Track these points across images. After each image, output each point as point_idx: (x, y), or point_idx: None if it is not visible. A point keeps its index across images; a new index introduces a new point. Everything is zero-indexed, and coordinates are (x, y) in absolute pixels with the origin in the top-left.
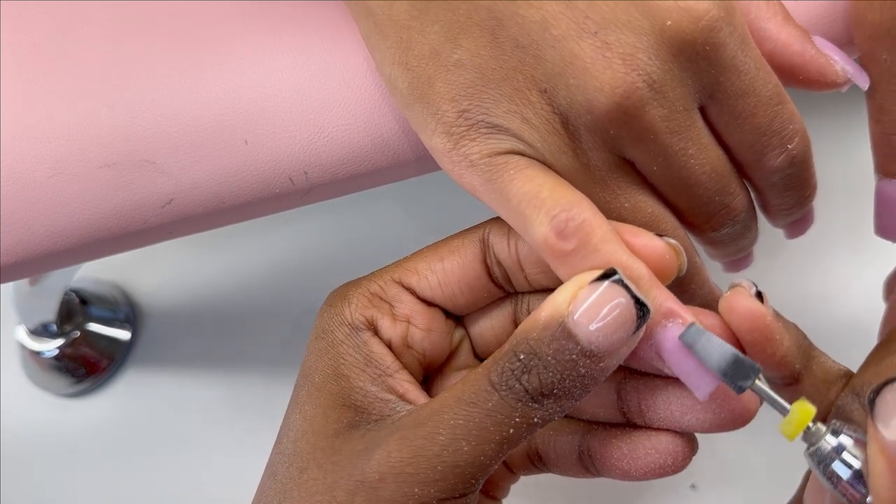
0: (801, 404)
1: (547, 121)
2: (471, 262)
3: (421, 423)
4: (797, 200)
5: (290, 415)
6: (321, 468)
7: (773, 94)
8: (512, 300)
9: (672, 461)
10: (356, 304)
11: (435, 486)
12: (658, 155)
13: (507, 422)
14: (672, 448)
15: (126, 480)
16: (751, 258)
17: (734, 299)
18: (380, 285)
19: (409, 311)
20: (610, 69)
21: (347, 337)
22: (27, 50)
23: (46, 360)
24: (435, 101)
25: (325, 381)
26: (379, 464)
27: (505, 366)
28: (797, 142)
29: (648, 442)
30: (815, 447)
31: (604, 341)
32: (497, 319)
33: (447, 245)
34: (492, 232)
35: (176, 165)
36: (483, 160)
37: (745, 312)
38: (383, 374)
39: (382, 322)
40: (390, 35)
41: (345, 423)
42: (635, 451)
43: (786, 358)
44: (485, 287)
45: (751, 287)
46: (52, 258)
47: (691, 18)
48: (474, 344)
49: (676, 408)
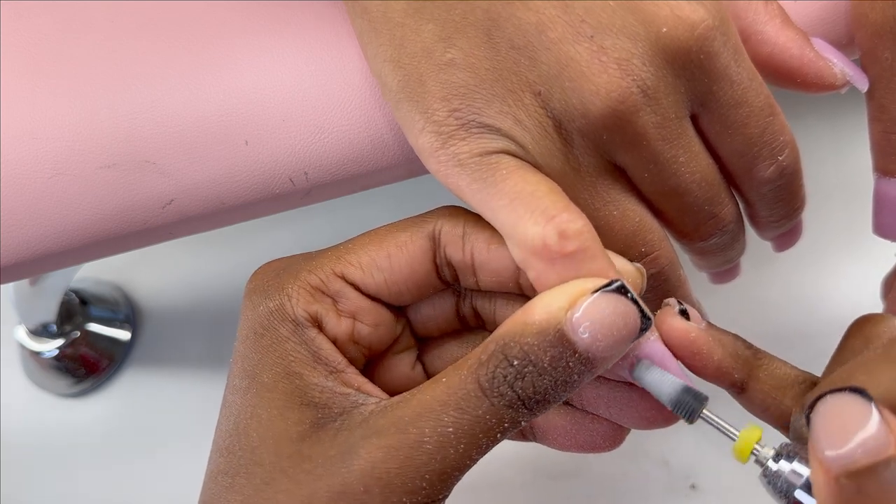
0: (749, 430)
1: (539, 123)
2: (419, 259)
3: (403, 429)
4: (786, 212)
5: (237, 418)
6: (292, 479)
7: (765, 105)
8: (454, 293)
9: (609, 443)
10: (297, 298)
11: (421, 493)
12: (649, 161)
13: (497, 427)
14: (610, 433)
15: (126, 480)
16: (737, 270)
17: (660, 317)
18: (320, 278)
19: (355, 308)
20: (605, 73)
21: (293, 333)
22: (27, 50)
23: (46, 360)
24: (426, 99)
25: (276, 380)
26: (363, 474)
27: (496, 371)
28: (787, 153)
29: (590, 425)
30: (763, 469)
31: (603, 350)
32: (439, 308)
33: (393, 239)
34: (444, 231)
35: (176, 166)
36: (473, 159)
37: (669, 330)
38: (335, 370)
39: (328, 318)
40: (384, 32)
41: (307, 423)
42: (576, 430)
43: (720, 368)
44: (430, 283)
45: (675, 305)
46: (52, 258)
47: (686, 27)
48: (413, 327)
49: (616, 409)
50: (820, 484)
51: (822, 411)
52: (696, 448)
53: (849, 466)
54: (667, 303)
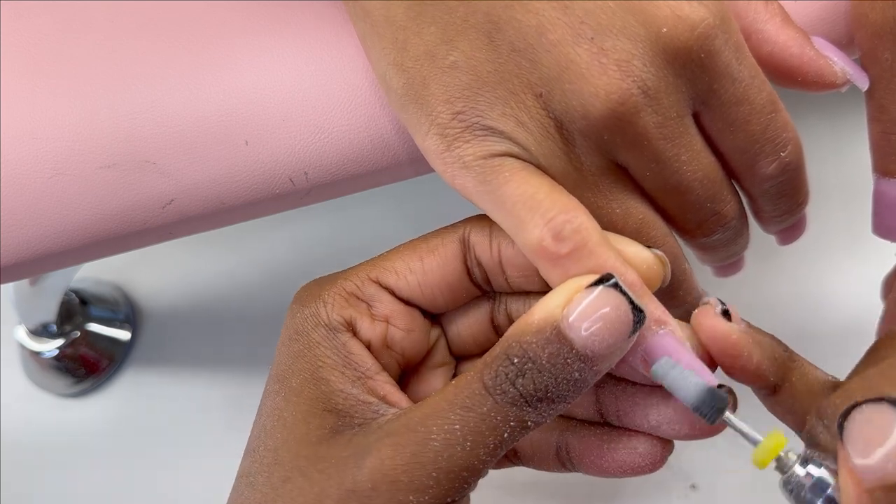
0: (774, 436)
1: (541, 124)
2: (451, 262)
3: (413, 428)
4: (789, 207)
5: (265, 420)
6: (306, 477)
7: (767, 102)
8: (489, 299)
9: (649, 462)
10: (332, 303)
11: (429, 492)
12: (651, 161)
13: (502, 425)
14: (650, 450)
15: (126, 480)
16: (741, 263)
17: (700, 317)
18: (356, 284)
19: (389, 312)
20: (605, 75)
21: (325, 338)
22: (27, 50)
23: (46, 360)
24: (429, 102)
25: (304, 385)
26: (371, 471)
27: (498, 369)
28: (790, 150)
29: (628, 443)
30: (786, 476)
31: (599, 346)
32: (474, 318)
33: (426, 244)
34: (472, 232)
35: (176, 166)
36: (477, 162)
37: (709, 331)
38: (363, 375)
39: (361, 322)
40: (386, 35)
41: (327, 428)
42: (613, 451)
43: (758, 371)
44: (464, 287)
45: (717, 305)
46: (52, 258)
47: (687, 26)
48: (450, 342)
49: (654, 417)
50: (850, 494)
51: (857, 419)
52: (696, 448)
53: (885, 479)
54: (706, 301)
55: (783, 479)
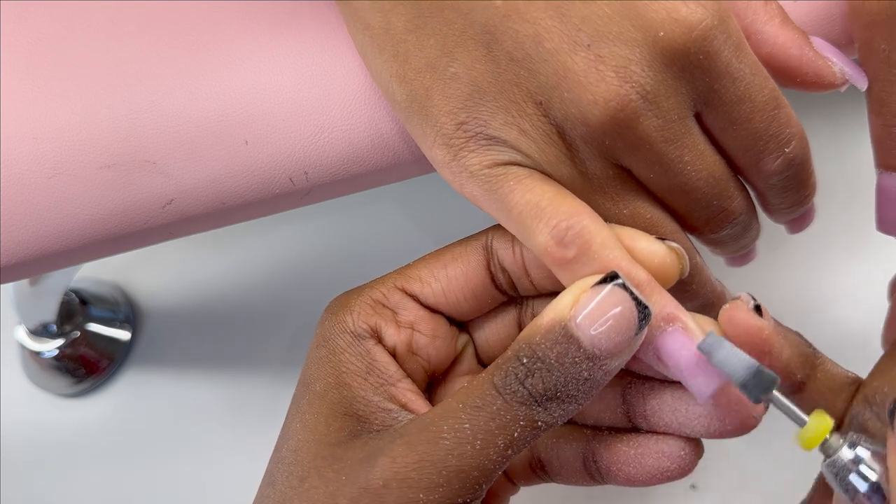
0: (819, 416)
1: (544, 132)
2: (474, 268)
3: (424, 428)
4: (796, 200)
5: (290, 423)
6: (322, 477)
7: (770, 99)
8: (516, 305)
9: (679, 465)
10: (358, 311)
11: (439, 491)
12: (654, 163)
13: (512, 425)
14: (680, 452)
15: (126, 480)
16: (753, 253)
17: (733, 312)
18: (382, 292)
19: (413, 318)
20: (603, 82)
21: (350, 345)
22: (27, 50)
23: (46, 360)
24: (433, 113)
25: (327, 389)
26: (383, 469)
27: (508, 369)
28: (794, 145)
29: (656, 446)
30: (831, 459)
31: (606, 344)
32: (501, 325)
33: (450, 252)
34: (495, 238)
35: (176, 166)
36: (483, 171)
37: (742, 326)
38: (386, 382)
39: (386, 329)
40: (387, 48)
41: (346, 432)
42: (643, 456)
43: (787, 368)
44: (489, 293)
45: (749, 301)
46: (52, 258)
47: (684, 29)
48: (478, 350)
49: (683, 413)
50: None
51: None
52: None
53: None
54: (738, 297)
55: (828, 462)
